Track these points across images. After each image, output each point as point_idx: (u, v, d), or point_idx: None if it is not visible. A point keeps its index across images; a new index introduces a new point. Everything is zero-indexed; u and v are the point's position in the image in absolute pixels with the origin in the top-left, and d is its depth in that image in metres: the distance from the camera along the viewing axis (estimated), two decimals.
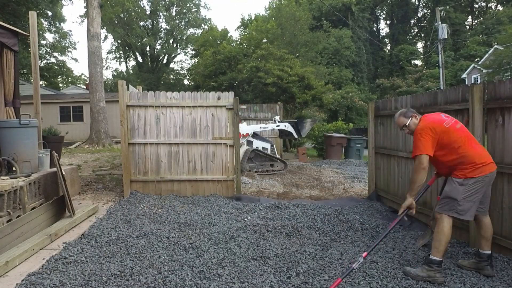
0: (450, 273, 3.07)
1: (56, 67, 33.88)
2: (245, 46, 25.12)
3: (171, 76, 43.76)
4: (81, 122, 20.63)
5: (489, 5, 41.87)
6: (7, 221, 3.93)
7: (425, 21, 42.66)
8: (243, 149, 8.54)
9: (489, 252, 3.09)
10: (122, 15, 36.41)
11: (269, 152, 9.12)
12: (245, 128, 8.59)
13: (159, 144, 6.19)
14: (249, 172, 8.49)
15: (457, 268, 3.17)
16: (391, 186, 5.60)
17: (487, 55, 27.21)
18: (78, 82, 39.05)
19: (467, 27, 41.01)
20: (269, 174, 8.74)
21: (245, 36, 28.39)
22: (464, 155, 3.01)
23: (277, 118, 9.54)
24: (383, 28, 49.89)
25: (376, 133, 6.11)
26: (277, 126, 9.14)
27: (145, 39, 37.97)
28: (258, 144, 8.99)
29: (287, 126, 9.30)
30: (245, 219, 4.78)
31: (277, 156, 9.27)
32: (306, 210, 5.14)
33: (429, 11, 41.04)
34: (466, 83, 28.19)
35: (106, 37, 39.49)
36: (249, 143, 8.77)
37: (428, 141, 3.02)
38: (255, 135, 9.15)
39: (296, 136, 9.46)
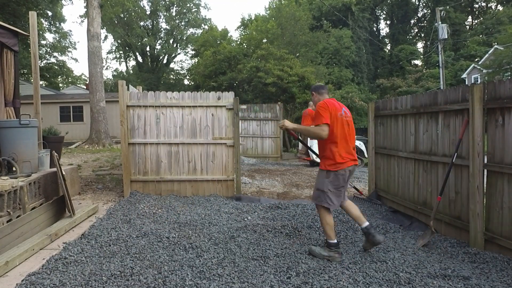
0: (450, 272, 3.06)
1: (56, 67, 33.89)
2: (245, 46, 25.10)
3: (171, 76, 43.74)
4: (81, 122, 20.63)
5: (489, 5, 41.85)
6: (7, 221, 3.93)
7: (425, 21, 42.63)
8: None
9: (367, 223, 3.52)
10: (122, 15, 36.40)
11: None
12: None
13: (159, 144, 6.19)
14: None
15: (457, 269, 3.18)
16: (391, 186, 5.60)
17: (487, 55, 27.20)
18: (78, 82, 39.09)
19: (467, 27, 40.98)
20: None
21: (245, 36, 28.37)
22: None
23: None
24: (383, 28, 49.92)
25: (376, 133, 6.11)
26: (359, 144, 10.43)
27: (145, 39, 37.96)
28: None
29: (361, 145, 10.47)
30: (245, 219, 4.78)
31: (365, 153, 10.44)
32: (306, 210, 5.14)
33: (429, 11, 41.02)
34: (466, 83, 28.19)
35: (106, 37, 39.52)
36: None
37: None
38: None
39: (366, 156, 10.35)
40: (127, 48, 41.72)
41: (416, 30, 44.86)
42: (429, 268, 3.15)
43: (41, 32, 27.02)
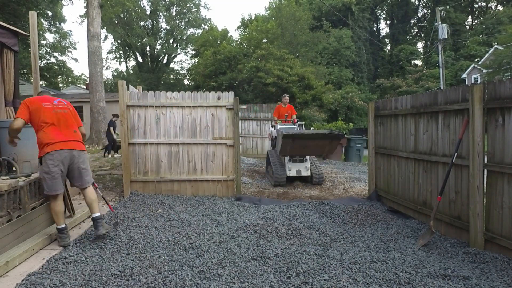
0: (450, 272, 3.06)
1: (56, 67, 33.90)
2: (245, 46, 25.13)
3: (171, 76, 43.75)
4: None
5: (489, 5, 41.85)
6: (7, 221, 3.92)
7: (425, 21, 42.63)
8: None
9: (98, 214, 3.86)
10: (122, 15, 36.40)
11: None
12: None
13: (159, 144, 6.19)
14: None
15: (457, 269, 3.17)
16: (391, 186, 5.60)
17: (487, 55, 27.20)
18: (78, 82, 39.07)
19: (467, 27, 40.98)
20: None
21: (245, 36, 28.39)
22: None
23: None
24: (383, 28, 49.96)
25: (376, 133, 6.11)
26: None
27: (145, 39, 37.96)
28: None
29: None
30: (245, 219, 4.78)
31: None
32: (306, 210, 5.13)
33: (429, 11, 41.03)
34: (466, 83, 28.19)
35: (106, 37, 39.53)
36: None
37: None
38: None
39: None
40: (127, 48, 41.72)
41: (416, 30, 44.86)
42: (429, 268, 3.15)
43: (41, 32, 27.03)
